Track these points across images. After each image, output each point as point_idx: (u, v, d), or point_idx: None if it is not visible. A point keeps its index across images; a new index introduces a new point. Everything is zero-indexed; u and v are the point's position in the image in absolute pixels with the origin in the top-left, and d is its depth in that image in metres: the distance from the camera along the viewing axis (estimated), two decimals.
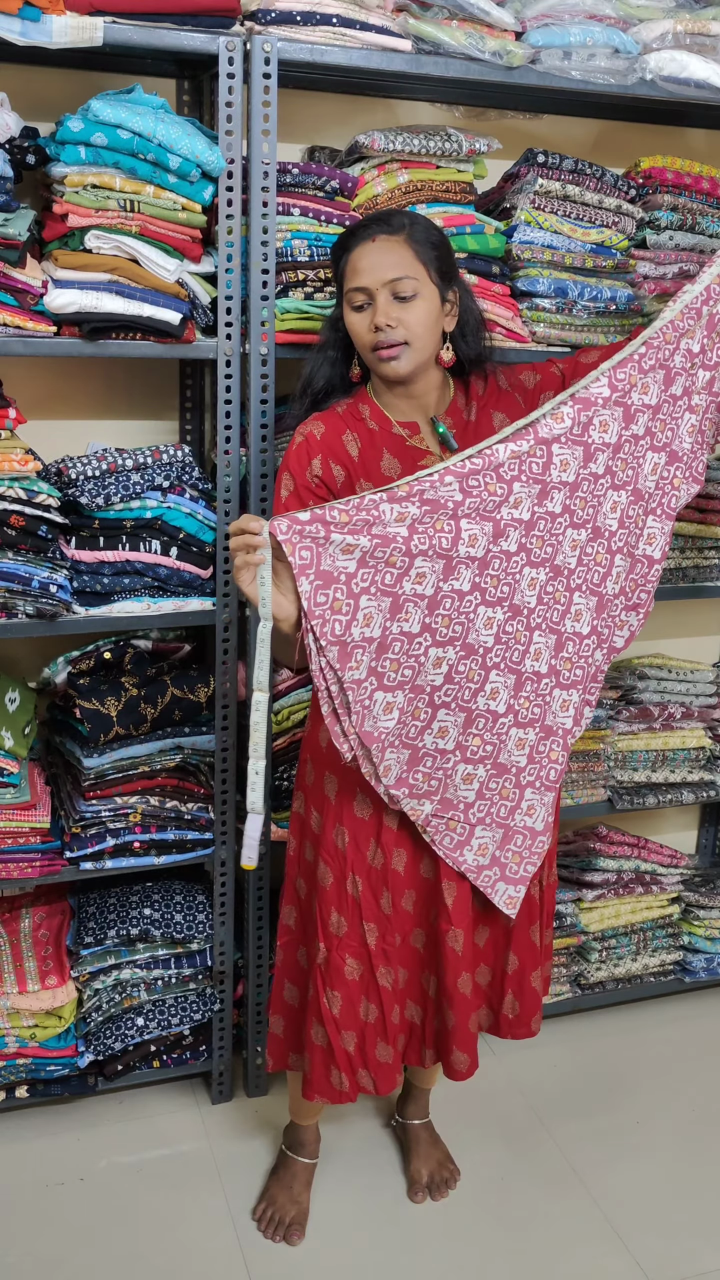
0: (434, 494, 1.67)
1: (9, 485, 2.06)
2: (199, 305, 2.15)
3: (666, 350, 1.84)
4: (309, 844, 2.02)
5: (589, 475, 1.80)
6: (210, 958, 2.44)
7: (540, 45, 2.17)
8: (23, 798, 2.20)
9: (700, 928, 2.90)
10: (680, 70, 2.24)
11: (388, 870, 1.95)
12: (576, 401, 1.76)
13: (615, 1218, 2.27)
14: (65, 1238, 2.15)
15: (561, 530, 1.80)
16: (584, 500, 1.81)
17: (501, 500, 1.71)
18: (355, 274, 1.83)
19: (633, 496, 1.87)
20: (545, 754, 1.91)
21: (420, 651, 1.73)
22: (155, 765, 2.29)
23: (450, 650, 1.75)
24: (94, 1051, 2.36)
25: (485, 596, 1.75)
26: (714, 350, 1.91)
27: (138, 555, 2.19)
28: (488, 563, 1.73)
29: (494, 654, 1.79)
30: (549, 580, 1.82)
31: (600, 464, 1.80)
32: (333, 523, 1.61)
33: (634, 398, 1.82)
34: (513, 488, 1.72)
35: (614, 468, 1.83)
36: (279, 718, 2.38)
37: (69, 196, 2.00)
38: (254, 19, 2.06)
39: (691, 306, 1.85)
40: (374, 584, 1.66)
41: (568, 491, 1.78)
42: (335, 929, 1.96)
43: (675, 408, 1.89)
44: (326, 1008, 1.97)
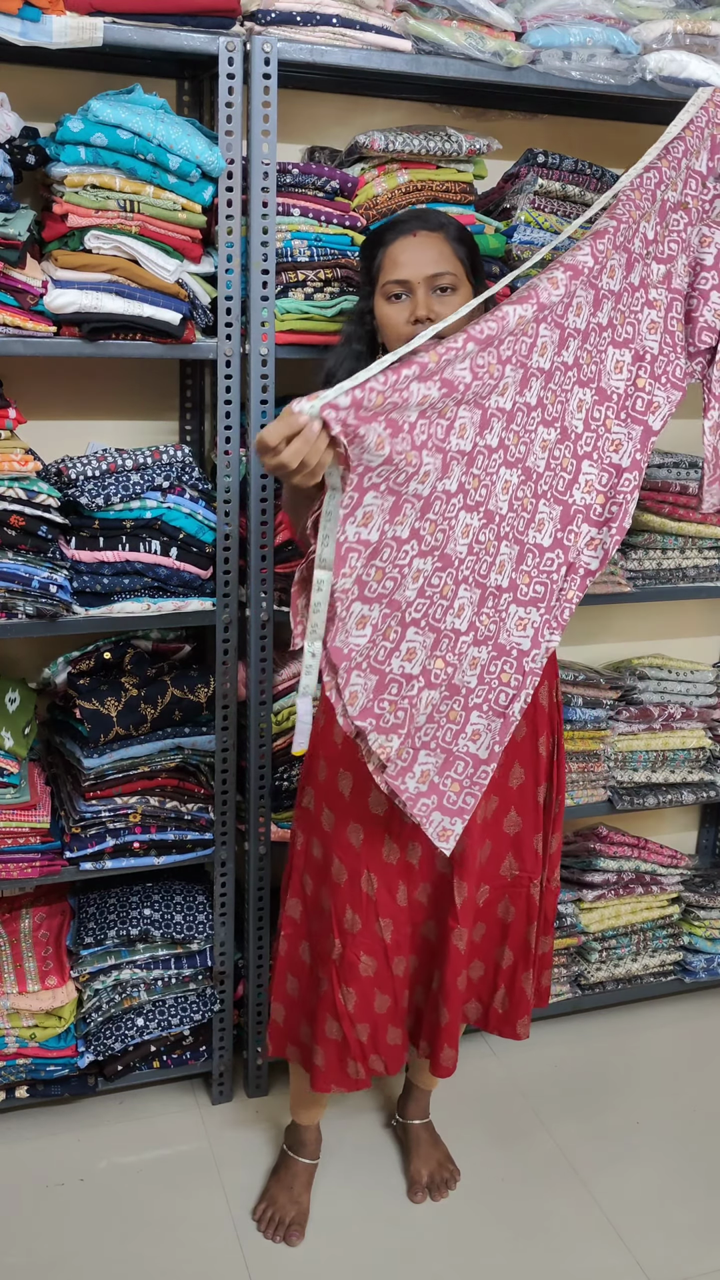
0: (450, 373, 1.51)
1: (9, 485, 2.06)
2: (199, 305, 2.15)
3: (628, 232, 1.74)
4: (317, 841, 2.02)
5: (560, 364, 1.67)
6: (210, 958, 2.44)
7: (540, 45, 2.17)
8: (23, 798, 2.20)
9: (700, 928, 2.90)
10: (680, 70, 2.24)
11: (403, 864, 1.96)
12: (568, 269, 1.65)
13: (616, 1218, 2.27)
14: (65, 1238, 2.15)
15: (534, 427, 1.68)
16: (554, 394, 1.69)
17: (492, 387, 1.58)
18: (395, 267, 1.84)
19: (597, 396, 1.75)
20: (496, 675, 1.74)
21: (405, 561, 1.59)
22: (155, 765, 2.29)
23: (429, 561, 1.62)
24: (94, 1052, 2.36)
25: (467, 499, 1.63)
26: (665, 241, 1.81)
27: (138, 555, 2.19)
28: (473, 458, 1.61)
29: (465, 566, 1.67)
30: (520, 484, 1.69)
31: (570, 353, 1.68)
32: (367, 409, 1.43)
33: (603, 281, 1.71)
34: (504, 372, 1.60)
35: (580, 359, 1.71)
36: (279, 718, 2.38)
37: (69, 197, 2.00)
38: (254, 19, 2.06)
39: (645, 188, 1.76)
40: (386, 481, 1.52)
41: (543, 381, 1.66)
42: (350, 926, 1.97)
43: (634, 300, 1.78)
44: (342, 1004, 1.98)
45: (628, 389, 1.78)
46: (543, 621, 1.75)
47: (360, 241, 2.21)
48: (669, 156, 1.82)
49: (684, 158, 1.83)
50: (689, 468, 2.61)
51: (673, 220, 1.83)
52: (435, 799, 1.81)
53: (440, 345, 1.52)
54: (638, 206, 1.75)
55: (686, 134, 1.83)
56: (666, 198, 1.80)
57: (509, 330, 1.58)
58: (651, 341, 1.81)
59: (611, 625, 2.95)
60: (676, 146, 1.82)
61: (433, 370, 1.49)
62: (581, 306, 1.67)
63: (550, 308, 1.63)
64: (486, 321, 1.55)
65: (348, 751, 1.88)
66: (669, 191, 1.80)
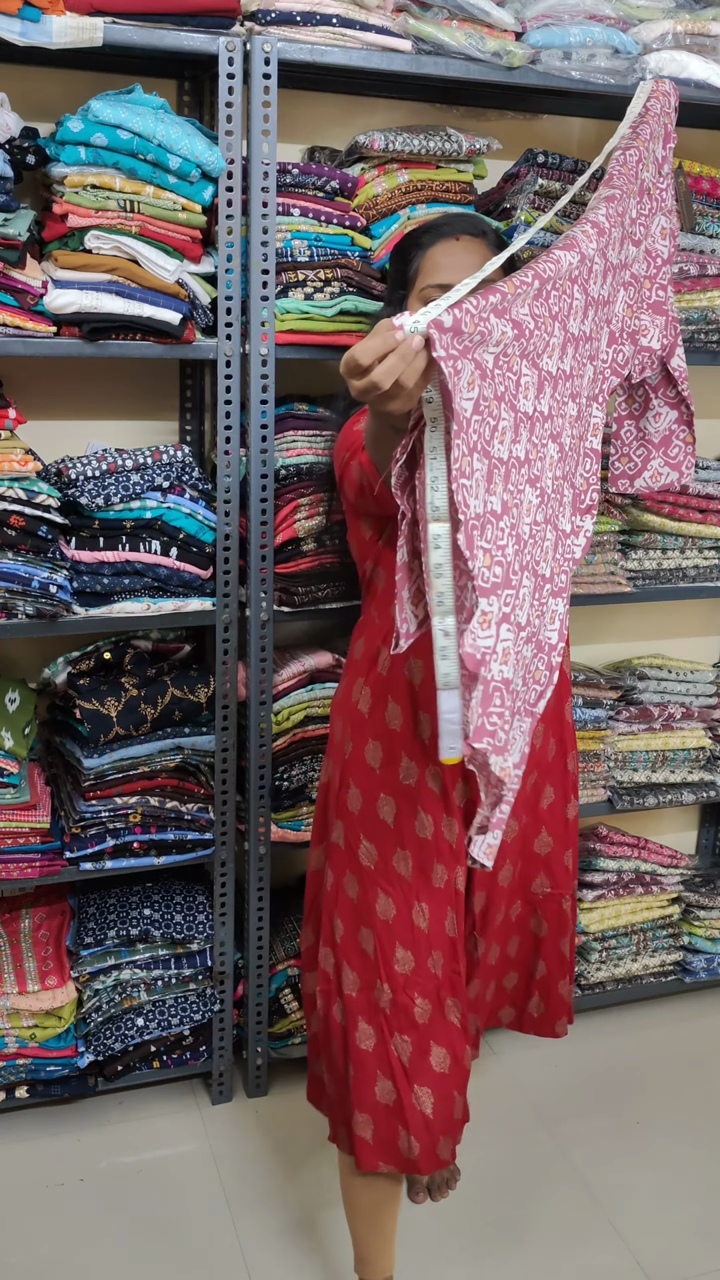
0: (518, 314, 1.34)
1: (9, 485, 2.06)
2: (199, 305, 2.15)
3: (623, 206, 1.62)
4: (354, 878, 1.81)
5: (582, 334, 1.51)
6: (210, 958, 2.44)
7: (540, 45, 2.17)
8: (23, 798, 2.20)
9: (700, 928, 2.90)
10: (680, 70, 2.24)
11: (449, 888, 1.80)
12: (594, 225, 1.53)
13: (616, 1218, 2.27)
14: (65, 1238, 2.15)
15: (565, 399, 1.49)
16: (577, 365, 1.52)
17: (545, 345, 1.40)
18: (436, 270, 1.77)
19: (594, 374, 1.60)
20: (533, 674, 1.52)
21: (502, 542, 1.34)
22: (155, 766, 2.29)
23: (511, 544, 1.37)
24: (94, 1052, 2.36)
25: (530, 471, 1.41)
26: (639, 223, 1.71)
27: (138, 555, 2.19)
28: (533, 424, 1.40)
29: (527, 550, 1.42)
30: (558, 460, 1.48)
31: (588, 323, 1.52)
32: (463, 337, 1.24)
33: (610, 252, 1.58)
34: (553, 330, 1.42)
35: (591, 332, 1.55)
36: (279, 718, 2.38)
37: (69, 197, 2.00)
38: (254, 19, 2.06)
39: (629, 163, 1.68)
40: (479, 436, 1.30)
41: (574, 348, 1.49)
42: (401, 966, 1.78)
43: (618, 277, 1.64)
44: (396, 1057, 1.77)
45: (600, 370, 1.64)
46: (565, 612, 1.56)
47: (360, 241, 2.21)
48: (640, 137, 1.73)
49: (650, 141, 1.76)
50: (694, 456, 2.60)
51: (644, 204, 1.76)
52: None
53: (511, 277, 1.36)
54: (630, 180, 1.66)
55: (649, 118, 1.76)
56: (643, 178, 1.71)
57: (561, 275, 1.43)
58: (616, 325, 1.69)
59: (611, 625, 2.95)
60: (643, 128, 1.75)
61: (507, 305, 1.32)
62: (597, 274, 1.54)
63: (589, 260, 1.50)
64: (543, 262, 1.41)
65: (388, 775, 1.75)
66: (644, 171, 1.72)
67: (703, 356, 2.52)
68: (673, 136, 1.80)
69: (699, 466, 2.62)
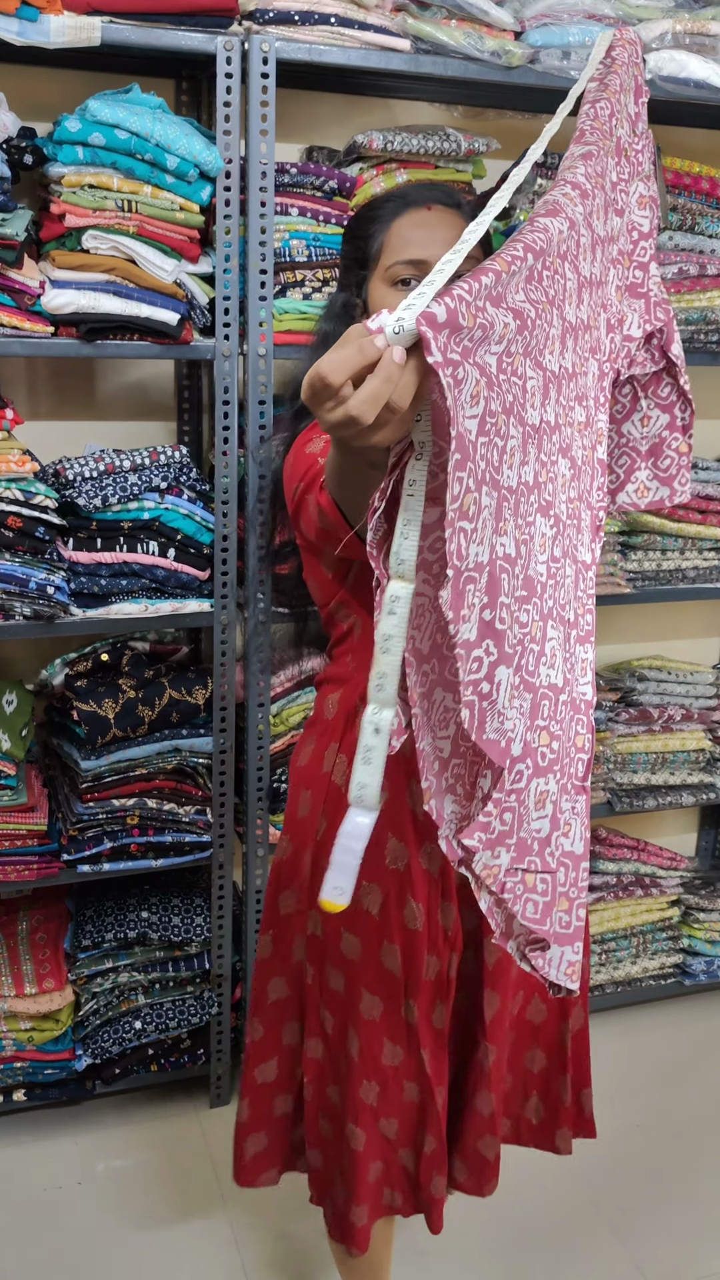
0: (514, 301, 1.04)
1: (6, 486, 2.06)
2: (197, 306, 2.14)
3: (601, 166, 1.33)
4: (338, 972, 1.59)
5: (580, 322, 1.24)
6: (208, 961, 2.43)
7: (539, 45, 2.16)
8: (20, 800, 2.19)
9: (700, 930, 2.89)
10: (680, 70, 2.23)
11: (442, 979, 1.58)
12: (575, 186, 1.23)
13: (616, 1221, 2.26)
14: (63, 1242, 2.14)
15: (571, 402, 1.22)
16: (579, 360, 1.25)
17: (545, 337, 1.13)
18: (405, 245, 1.50)
19: (599, 369, 1.35)
20: (572, 739, 1.21)
21: (513, 591, 1.06)
22: (153, 768, 2.28)
23: (518, 588, 1.09)
24: (91, 1055, 2.35)
25: (541, 496, 1.13)
26: (618, 190, 1.41)
27: (135, 557, 2.18)
28: (540, 438, 1.11)
29: (547, 594, 1.15)
30: (570, 479, 1.20)
31: (585, 309, 1.26)
32: (462, 334, 0.93)
33: (595, 223, 1.29)
34: (552, 318, 1.15)
35: (589, 320, 1.28)
36: (277, 720, 2.38)
37: (66, 196, 1.99)
38: (252, 19, 2.05)
39: (601, 117, 1.37)
40: (488, 462, 1.00)
41: (574, 340, 1.22)
42: (389, 1059, 1.60)
43: (606, 253, 1.37)
44: (383, 1136, 1.64)
45: (602, 365, 1.37)
46: (593, 660, 1.27)
47: None
48: (609, 88, 1.43)
49: (620, 93, 1.45)
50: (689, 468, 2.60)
51: (622, 166, 1.45)
52: (549, 926, 1.24)
53: (500, 252, 1.05)
54: (605, 136, 1.34)
55: (617, 67, 1.46)
56: (619, 135, 1.40)
57: (552, 248, 1.15)
58: (612, 311, 1.42)
59: (611, 626, 2.94)
60: (611, 79, 1.44)
61: (503, 288, 1.02)
62: (586, 248, 1.26)
63: (577, 228, 1.22)
64: (530, 232, 1.12)
65: (371, 862, 1.48)
66: (619, 128, 1.41)
67: (703, 356, 2.52)
68: (644, 90, 1.49)
69: (699, 467, 2.61)
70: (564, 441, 1.21)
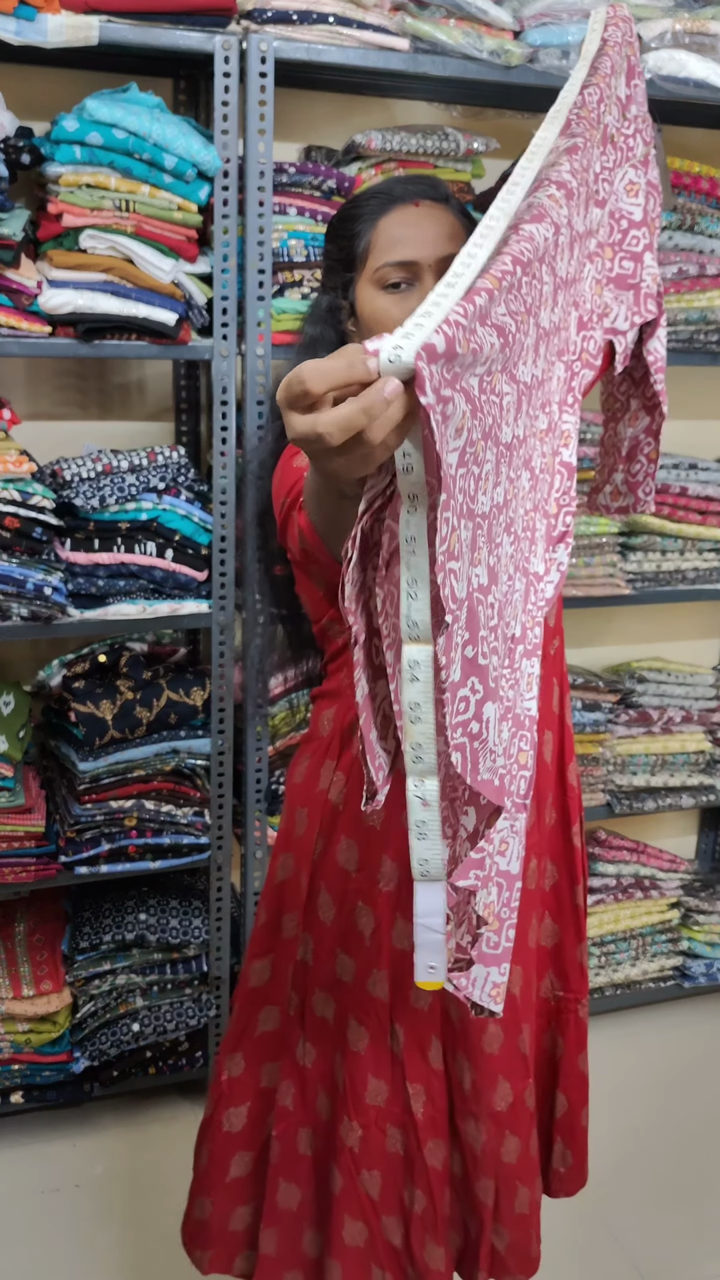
0: (498, 318, 0.96)
1: (4, 487, 2.05)
2: (195, 306, 2.13)
3: (586, 159, 1.26)
4: (327, 998, 1.50)
5: (551, 325, 1.16)
6: (206, 963, 2.42)
7: (538, 44, 2.16)
8: (17, 801, 2.18)
9: (700, 933, 2.88)
10: (679, 70, 2.23)
11: (437, 1012, 1.46)
12: (560, 186, 1.15)
13: (614, 1223, 2.25)
14: (60, 1245, 2.14)
15: (536, 411, 1.15)
16: (546, 366, 1.19)
17: (521, 348, 1.06)
18: (394, 245, 1.41)
19: (566, 371, 1.26)
20: (515, 757, 1.16)
21: (491, 625, 1.01)
22: (150, 769, 2.27)
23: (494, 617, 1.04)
24: (89, 1057, 2.34)
25: (507, 516, 1.08)
26: (602, 180, 1.34)
27: (133, 557, 2.17)
28: (511, 455, 1.06)
29: (507, 612, 1.10)
30: (530, 490, 1.15)
31: (558, 311, 1.18)
32: (457, 363, 0.87)
33: (575, 220, 1.21)
34: (529, 327, 1.08)
35: (559, 322, 1.22)
36: (274, 721, 2.37)
37: (64, 196, 1.99)
38: (250, 18, 2.05)
39: (589, 104, 1.30)
40: (465, 493, 0.94)
41: (545, 344, 1.16)
42: (372, 1098, 1.46)
43: (583, 248, 1.29)
44: (365, 1194, 1.46)
45: (569, 366, 1.29)
46: (538, 675, 1.19)
47: None
48: (599, 72, 1.36)
49: (610, 76, 1.37)
50: (689, 469, 2.60)
51: (607, 155, 1.37)
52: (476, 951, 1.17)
53: (491, 268, 0.99)
54: (592, 125, 1.29)
55: (609, 48, 1.39)
56: (606, 122, 1.34)
57: (539, 257, 1.08)
58: (585, 307, 1.34)
59: (610, 628, 2.93)
60: (602, 61, 1.37)
61: (490, 305, 0.95)
62: (564, 247, 1.18)
63: (560, 229, 1.15)
64: (518, 242, 1.05)
65: (365, 880, 1.44)
66: (607, 114, 1.34)
67: (703, 357, 2.51)
68: (637, 71, 1.41)
69: (699, 467, 2.60)
70: (527, 453, 1.15)
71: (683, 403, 2.90)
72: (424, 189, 1.45)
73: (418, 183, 1.46)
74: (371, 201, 1.44)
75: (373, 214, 1.44)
